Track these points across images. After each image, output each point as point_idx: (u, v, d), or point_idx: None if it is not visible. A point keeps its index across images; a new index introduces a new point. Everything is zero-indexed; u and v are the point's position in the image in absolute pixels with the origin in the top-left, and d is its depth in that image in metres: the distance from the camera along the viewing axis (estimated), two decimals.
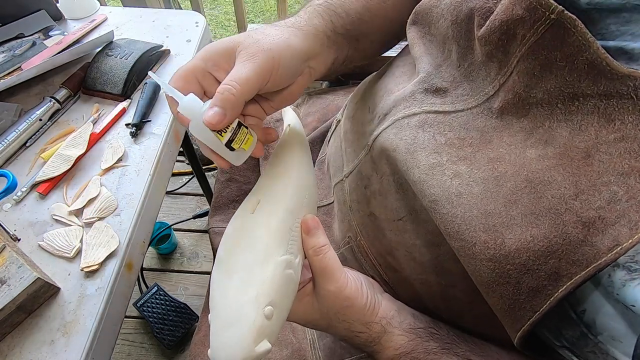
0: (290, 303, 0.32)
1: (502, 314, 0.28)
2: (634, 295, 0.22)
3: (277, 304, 0.29)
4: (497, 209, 0.27)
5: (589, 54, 0.23)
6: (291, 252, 0.32)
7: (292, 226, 0.33)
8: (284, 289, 0.30)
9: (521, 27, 0.26)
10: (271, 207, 0.33)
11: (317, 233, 0.34)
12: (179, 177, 1.38)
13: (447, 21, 0.33)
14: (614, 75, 0.23)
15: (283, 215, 0.32)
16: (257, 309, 0.28)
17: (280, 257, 0.31)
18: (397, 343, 0.34)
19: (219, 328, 0.28)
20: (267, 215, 0.32)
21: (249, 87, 0.30)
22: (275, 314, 0.29)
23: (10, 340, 0.40)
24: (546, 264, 0.24)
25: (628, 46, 0.25)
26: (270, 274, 0.29)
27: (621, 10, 0.25)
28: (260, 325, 0.28)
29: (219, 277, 0.31)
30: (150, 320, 1.06)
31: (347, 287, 0.34)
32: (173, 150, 0.59)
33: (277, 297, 0.29)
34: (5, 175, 0.49)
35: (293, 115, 0.44)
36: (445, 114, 0.33)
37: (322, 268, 0.34)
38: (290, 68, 0.34)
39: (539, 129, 0.27)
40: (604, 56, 0.23)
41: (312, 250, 0.34)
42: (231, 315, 0.28)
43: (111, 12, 0.75)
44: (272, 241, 0.31)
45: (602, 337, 0.24)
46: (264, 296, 0.29)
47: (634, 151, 0.22)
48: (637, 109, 0.23)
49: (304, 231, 0.34)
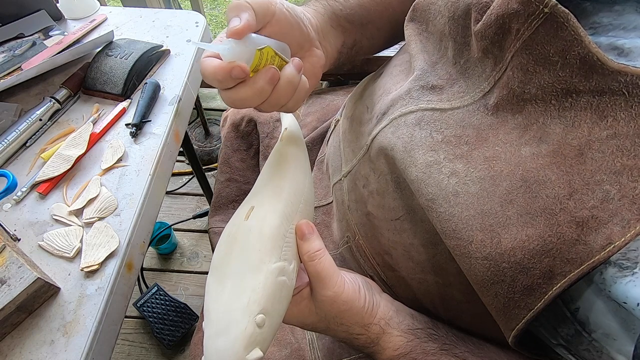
0: (284, 309, 0.31)
1: (497, 313, 0.28)
2: (625, 292, 0.22)
3: (269, 312, 0.29)
4: (493, 208, 0.27)
5: (581, 48, 0.23)
6: (285, 258, 0.32)
7: (287, 232, 0.33)
8: (277, 296, 0.30)
9: (516, 21, 0.26)
10: (264, 213, 0.32)
11: (311, 238, 0.34)
12: (179, 177, 1.38)
13: (444, 17, 0.33)
14: (605, 71, 0.23)
15: (276, 222, 0.32)
16: (248, 317, 0.28)
17: (273, 265, 0.30)
18: (396, 344, 0.34)
19: (211, 335, 0.28)
20: (260, 221, 0.32)
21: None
22: (268, 322, 0.29)
23: (10, 340, 0.40)
24: (541, 262, 0.24)
25: (618, 41, 0.25)
26: (262, 282, 0.29)
27: (614, 3, 0.25)
28: (252, 333, 0.28)
29: (212, 284, 0.31)
30: (150, 320, 1.06)
31: (344, 291, 0.34)
32: (173, 150, 0.60)
33: (270, 304, 0.29)
34: (5, 175, 0.50)
35: (291, 117, 0.44)
36: (442, 111, 0.33)
37: (318, 273, 0.33)
38: (293, 17, 0.33)
39: (533, 126, 0.27)
40: (595, 50, 0.23)
41: (307, 255, 0.33)
42: (223, 323, 0.28)
43: (111, 12, 0.75)
44: (264, 248, 0.30)
45: (596, 335, 0.25)
46: (255, 304, 0.28)
47: (626, 149, 0.23)
48: (629, 106, 0.23)
49: (298, 237, 0.34)
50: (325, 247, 0.34)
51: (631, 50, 0.25)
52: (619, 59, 0.25)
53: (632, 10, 0.25)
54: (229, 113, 0.73)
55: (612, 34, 0.26)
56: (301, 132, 0.43)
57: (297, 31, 0.34)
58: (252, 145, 0.69)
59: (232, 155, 0.69)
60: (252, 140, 0.69)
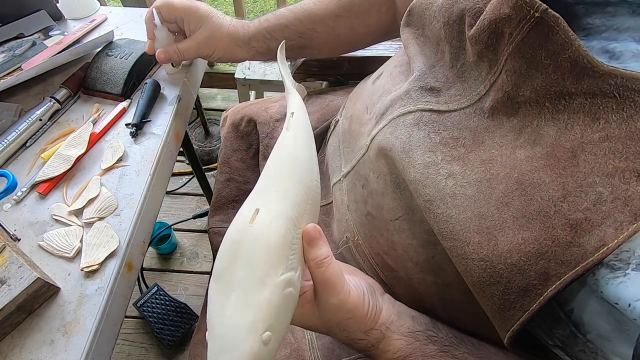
0: (289, 319, 0.30)
1: (493, 314, 0.28)
2: (616, 293, 0.22)
3: (275, 328, 0.28)
4: (490, 211, 0.27)
5: (572, 51, 0.24)
6: (291, 267, 0.30)
7: (293, 239, 0.31)
8: (283, 310, 0.29)
9: (508, 25, 0.27)
10: (270, 219, 0.30)
11: (319, 243, 0.32)
12: (179, 177, 1.39)
13: (439, 23, 0.34)
14: (596, 73, 0.23)
15: (283, 229, 0.30)
16: (254, 335, 0.27)
17: (280, 277, 0.28)
18: (395, 347, 0.34)
19: (215, 351, 0.27)
20: (266, 228, 0.30)
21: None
22: (273, 338, 0.28)
23: (10, 340, 0.40)
24: (536, 264, 0.25)
25: (610, 46, 0.25)
26: (268, 298, 0.28)
27: (606, 4, 0.26)
28: (257, 352, 0.26)
29: (216, 294, 0.29)
30: (150, 320, 1.07)
31: (350, 299, 0.33)
32: (173, 150, 0.60)
33: (276, 320, 0.28)
34: (5, 175, 0.50)
35: (298, 101, 0.40)
36: (440, 113, 0.33)
37: (325, 280, 0.32)
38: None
39: (528, 128, 0.27)
40: (585, 53, 0.23)
41: (314, 262, 0.32)
42: (227, 340, 0.27)
43: (111, 12, 0.75)
44: (270, 260, 0.29)
45: (591, 336, 0.25)
46: (261, 322, 0.27)
47: (618, 151, 0.23)
48: (621, 108, 0.23)
49: (305, 241, 0.32)
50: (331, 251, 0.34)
51: (622, 53, 0.25)
52: (611, 62, 0.25)
53: (624, 12, 0.25)
54: (229, 113, 0.73)
55: (605, 35, 0.26)
56: (308, 118, 0.41)
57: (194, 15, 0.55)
58: (252, 145, 0.69)
59: (232, 155, 0.69)
60: (252, 140, 0.69)
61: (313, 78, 0.81)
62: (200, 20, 0.56)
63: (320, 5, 0.55)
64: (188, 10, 0.56)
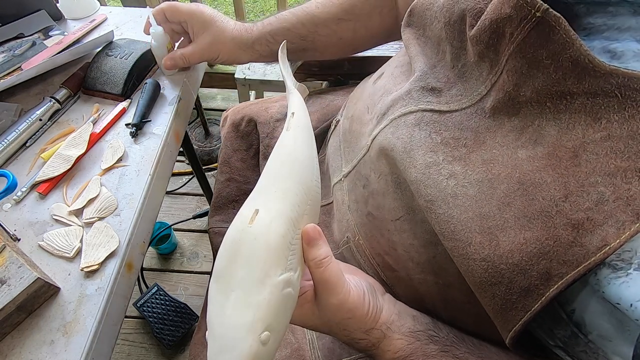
0: (288, 319, 0.30)
1: (495, 314, 0.28)
2: (618, 293, 0.22)
3: (274, 328, 0.28)
4: (491, 211, 0.27)
5: (573, 51, 0.24)
6: (290, 267, 0.30)
7: (293, 239, 0.31)
8: (282, 310, 0.29)
9: (509, 25, 0.27)
10: (270, 219, 0.30)
11: (318, 244, 0.32)
12: (179, 177, 1.38)
13: (440, 23, 0.34)
14: (597, 73, 0.23)
15: (282, 229, 0.30)
16: (253, 334, 0.27)
17: (279, 277, 0.29)
18: (396, 347, 0.34)
19: (215, 351, 0.27)
20: (266, 228, 0.30)
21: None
22: (272, 338, 0.28)
23: (10, 340, 0.40)
24: (538, 264, 0.25)
25: (611, 46, 0.25)
26: (267, 298, 0.28)
27: (607, 4, 0.26)
28: (256, 352, 0.27)
29: (216, 294, 0.29)
30: (150, 320, 1.06)
31: (350, 298, 0.33)
32: (173, 150, 0.60)
33: (275, 320, 0.28)
34: (5, 175, 0.50)
35: (299, 100, 0.40)
36: (441, 113, 0.33)
37: (324, 280, 0.32)
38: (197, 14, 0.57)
39: (529, 128, 0.27)
40: (586, 53, 0.23)
41: (314, 262, 0.32)
42: (227, 339, 0.27)
43: (111, 12, 0.75)
44: (270, 260, 0.29)
45: (592, 337, 0.25)
46: (260, 321, 0.27)
47: (620, 150, 0.23)
48: (622, 108, 0.23)
49: (304, 242, 0.32)
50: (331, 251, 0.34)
51: (624, 53, 0.25)
52: (612, 61, 0.25)
53: (625, 11, 0.25)
54: (229, 113, 0.73)
55: (606, 34, 0.26)
56: (309, 118, 0.41)
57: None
58: (252, 145, 0.69)
59: (232, 155, 0.69)
60: (252, 140, 0.69)
61: (313, 78, 0.81)
62: (204, 25, 0.56)
63: (322, 8, 0.55)
64: (192, 14, 0.56)
